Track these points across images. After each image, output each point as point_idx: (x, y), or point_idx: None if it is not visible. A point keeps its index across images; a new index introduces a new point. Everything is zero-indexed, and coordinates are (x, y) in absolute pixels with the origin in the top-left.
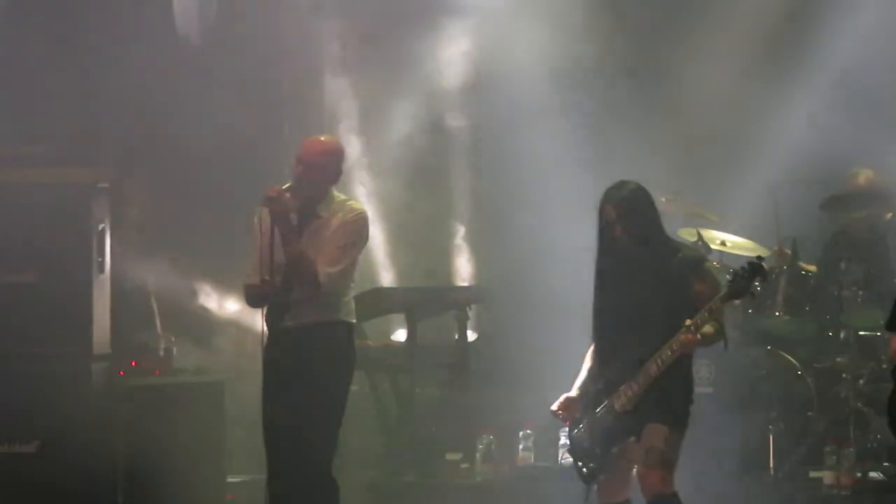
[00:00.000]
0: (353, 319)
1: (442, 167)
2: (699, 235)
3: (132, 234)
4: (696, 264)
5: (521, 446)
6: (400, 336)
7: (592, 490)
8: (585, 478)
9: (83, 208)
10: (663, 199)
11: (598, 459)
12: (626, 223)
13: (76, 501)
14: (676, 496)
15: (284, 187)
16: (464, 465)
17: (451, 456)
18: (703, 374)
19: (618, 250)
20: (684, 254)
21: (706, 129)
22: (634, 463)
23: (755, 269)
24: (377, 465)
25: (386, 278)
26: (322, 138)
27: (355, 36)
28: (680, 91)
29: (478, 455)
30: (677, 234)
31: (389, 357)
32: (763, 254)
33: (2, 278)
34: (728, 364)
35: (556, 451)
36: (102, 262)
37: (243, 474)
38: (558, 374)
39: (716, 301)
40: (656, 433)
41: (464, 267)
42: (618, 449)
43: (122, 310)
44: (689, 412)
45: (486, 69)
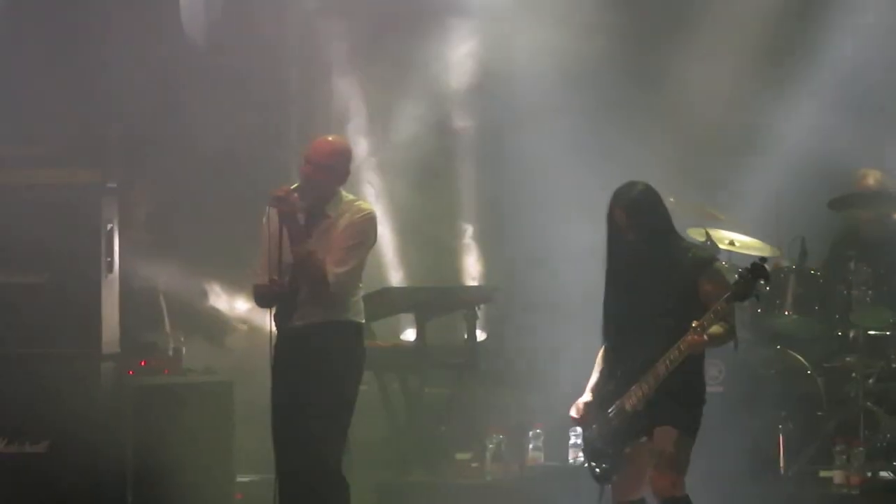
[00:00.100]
0: (362, 319)
1: (449, 167)
2: (707, 235)
3: (141, 233)
4: (705, 264)
5: (530, 446)
6: (409, 336)
7: (605, 490)
8: (598, 478)
9: (92, 208)
10: (671, 198)
11: (611, 459)
12: (636, 224)
13: (85, 501)
14: (687, 499)
15: (292, 187)
16: (473, 464)
17: (461, 456)
18: (713, 373)
19: (628, 251)
20: (694, 254)
21: (711, 129)
22: (646, 463)
23: (757, 271)
24: (387, 465)
25: (394, 278)
26: (330, 138)
27: (363, 36)
28: (684, 91)
29: (487, 455)
30: (686, 234)
31: (398, 357)
32: (771, 253)
33: (11, 278)
34: (738, 364)
35: (565, 450)
36: (111, 262)
37: (252, 474)
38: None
39: (720, 303)
40: (666, 436)
41: (472, 266)
42: (630, 449)
43: (131, 309)
44: (700, 414)
45: (492, 70)
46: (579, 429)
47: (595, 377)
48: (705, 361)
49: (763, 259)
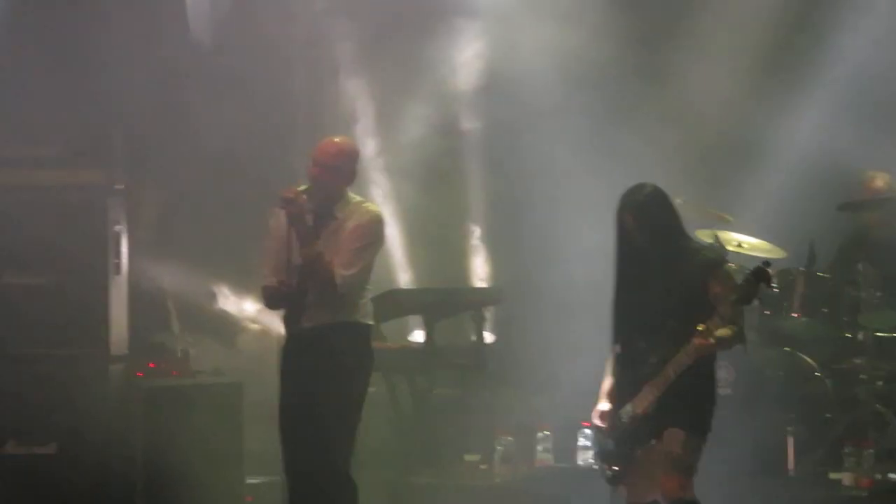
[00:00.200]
0: (370, 321)
1: (457, 168)
2: (715, 237)
3: (149, 235)
4: (714, 266)
5: (539, 447)
6: (417, 337)
7: (617, 492)
8: (610, 480)
9: (99, 210)
10: (679, 200)
11: (622, 461)
12: (644, 226)
13: (94, 503)
14: (696, 501)
15: (301, 189)
16: (482, 466)
17: (470, 457)
18: (721, 375)
19: (636, 254)
20: (703, 255)
21: (718, 131)
22: (657, 466)
23: (760, 275)
24: (395, 467)
25: (402, 279)
26: (337, 139)
27: (370, 37)
28: (692, 92)
29: (496, 456)
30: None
31: (407, 358)
32: (779, 255)
33: (18, 280)
34: (746, 365)
35: (574, 452)
36: (119, 264)
37: (262, 476)
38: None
39: (725, 307)
40: (675, 438)
41: (480, 268)
42: (641, 451)
43: (140, 311)
44: (711, 415)
45: (499, 71)
46: (588, 430)
47: (608, 381)
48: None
49: (766, 263)
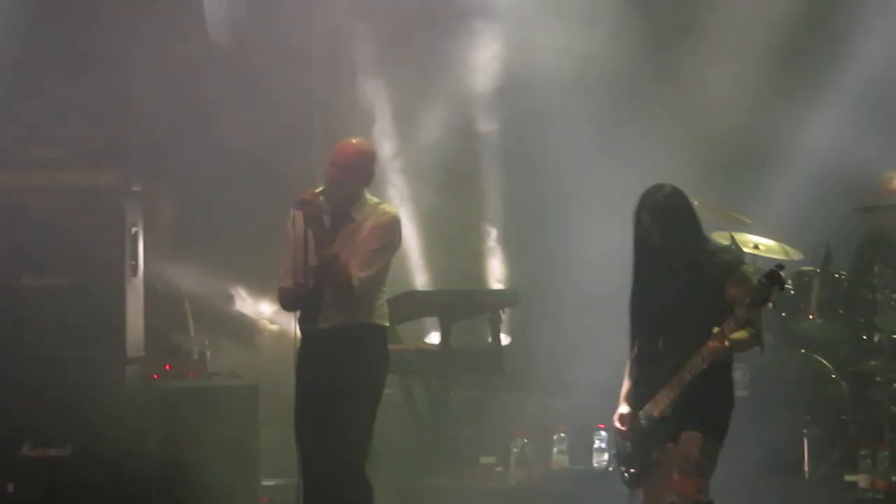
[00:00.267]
0: (386, 322)
1: (474, 170)
2: (732, 239)
3: (165, 237)
4: (731, 268)
5: (554, 449)
6: (433, 339)
7: (635, 495)
8: (628, 482)
9: (116, 212)
10: (695, 202)
11: (640, 464)
12: (662, 228)
13: None
14: None
15: (318, 190)
16: (498, 468)
17: (485, 459)
18: (737, 377)
19: (654, 254)
20: (720, 257)
21: (735, 133)
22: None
23: (773, 278)
24: (410, 468)
25: (419, 281)
26: (354, 141)
27: (388, 39)
28: (709, 95)
29: (512, 458)
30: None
31: (423, 360)
32: (796, 257)
33: (36, 282)
34: (762, 367)
35: (590, 454)
36: (136, 266)
37: (278, 477)
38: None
39: (739, 310)
40: (692, 440)
41: (497, 269)
42: (658, 454)
43: (156, 313)
44: (728, 418)
45: (516, 72)
46: (603, 433)
47: (627, 384)
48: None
49: (780, 266)
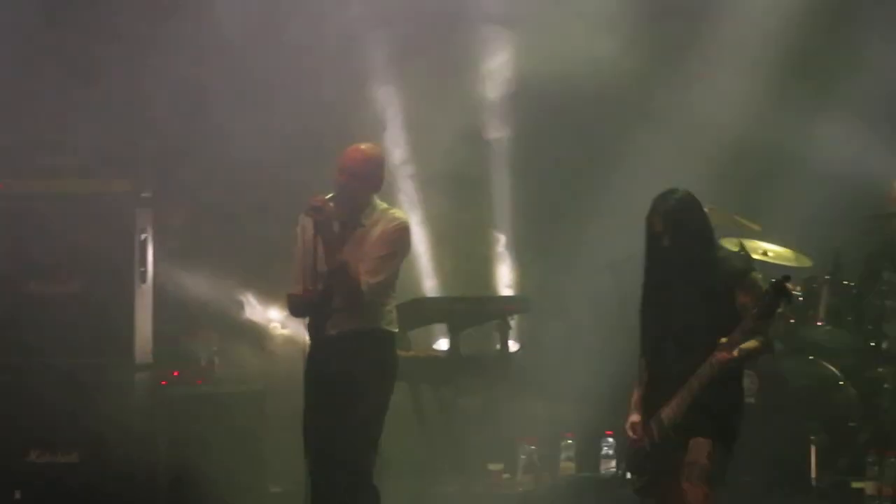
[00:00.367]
0: (395, 329)
1: (484, 176)
2: (741, 246)
3: (175, 243)
4: (741, 275)
5: (562, 456)
6: (442, 346)
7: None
8: (639, 491)
9: (126, 218)
10: (706, 208)
11: (651, 472)
12: (673, 234)
13: None
14: None
15: (328, 197)
16: (505, 475)
17: (493, 466)
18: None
19: (665, 259)
20: (730, 264)
21: (746, 140)
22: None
23: (778, 289)
24: (418, 475)
25: (428, 287)
26: (363, 147)
27: (398, 45)
28: (720, 102)
29: (519, 465)
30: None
31: (431, 367)
32: (805, 264)
33: (45, 288)
34: (769, 374)
35: (598, 460)
36: (145, 272)
37: (285, 484)
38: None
39: (746, 321)
40: (701, 447)
41: (506, 276)
42: (669, 461)
43: (165, 319)
44: (738, 425)
45: (527, 79)
46: (611, 439)
47: (638, 392)
48: None
49: (787, 277)
